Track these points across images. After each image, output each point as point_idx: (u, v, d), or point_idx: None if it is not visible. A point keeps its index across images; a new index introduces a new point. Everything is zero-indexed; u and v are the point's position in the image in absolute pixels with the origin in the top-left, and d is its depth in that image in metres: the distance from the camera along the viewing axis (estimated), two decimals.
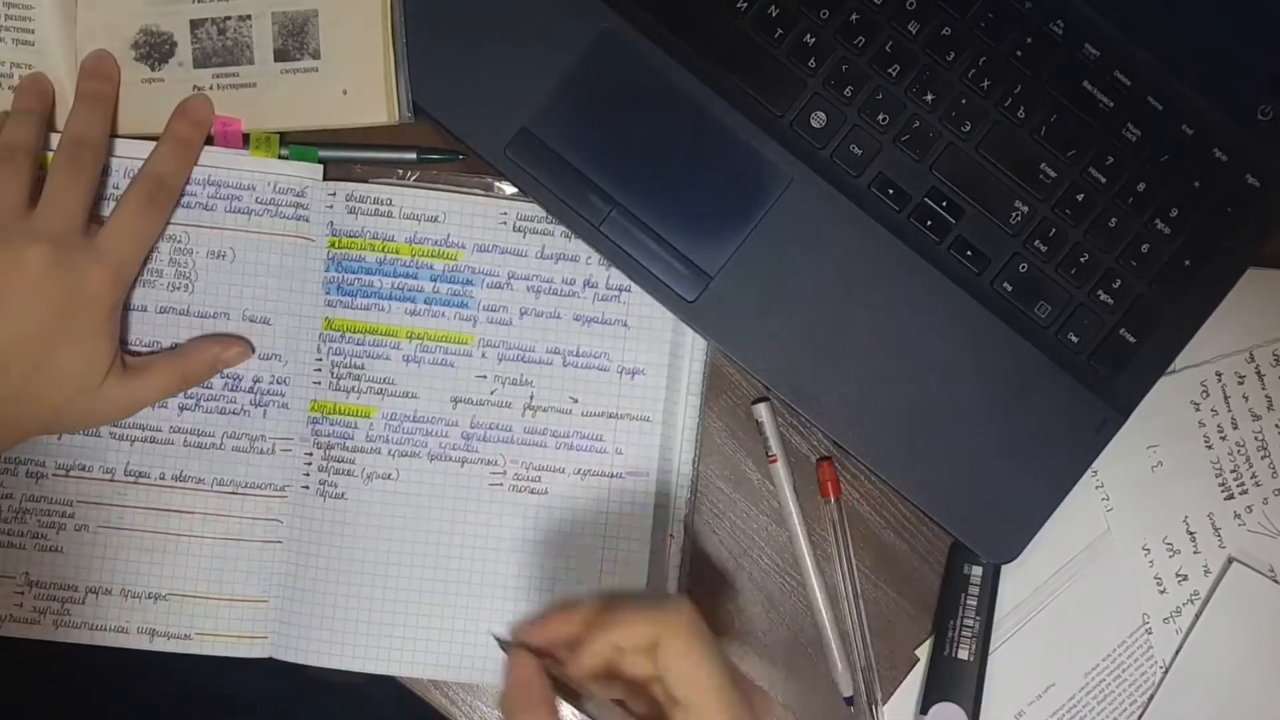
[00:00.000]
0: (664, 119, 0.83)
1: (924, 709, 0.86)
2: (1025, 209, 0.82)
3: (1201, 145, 0.83)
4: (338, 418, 0.85)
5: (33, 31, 0.84)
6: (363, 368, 0.85)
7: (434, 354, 0.86)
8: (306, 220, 0.86)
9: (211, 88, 0.84)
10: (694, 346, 0.86)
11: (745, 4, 0.83)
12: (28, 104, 0.83)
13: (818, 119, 0.83)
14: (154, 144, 0.84)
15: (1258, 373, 0.86)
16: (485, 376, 0.86)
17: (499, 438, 0.86)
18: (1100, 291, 0.83)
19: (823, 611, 0.87)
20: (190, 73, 0.84)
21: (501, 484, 0.86)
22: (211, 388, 0.86)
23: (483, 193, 0.86)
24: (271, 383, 0.86)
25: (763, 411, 0.87)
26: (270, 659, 0.85)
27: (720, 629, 0.88)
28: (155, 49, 0.84)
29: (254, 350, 0.85)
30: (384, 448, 0.85)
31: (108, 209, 0.84)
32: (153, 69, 0.84)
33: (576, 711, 0.84)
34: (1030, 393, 0.82)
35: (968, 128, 0.83)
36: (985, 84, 0.83)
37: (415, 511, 0.86)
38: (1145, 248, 0.83)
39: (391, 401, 0.86)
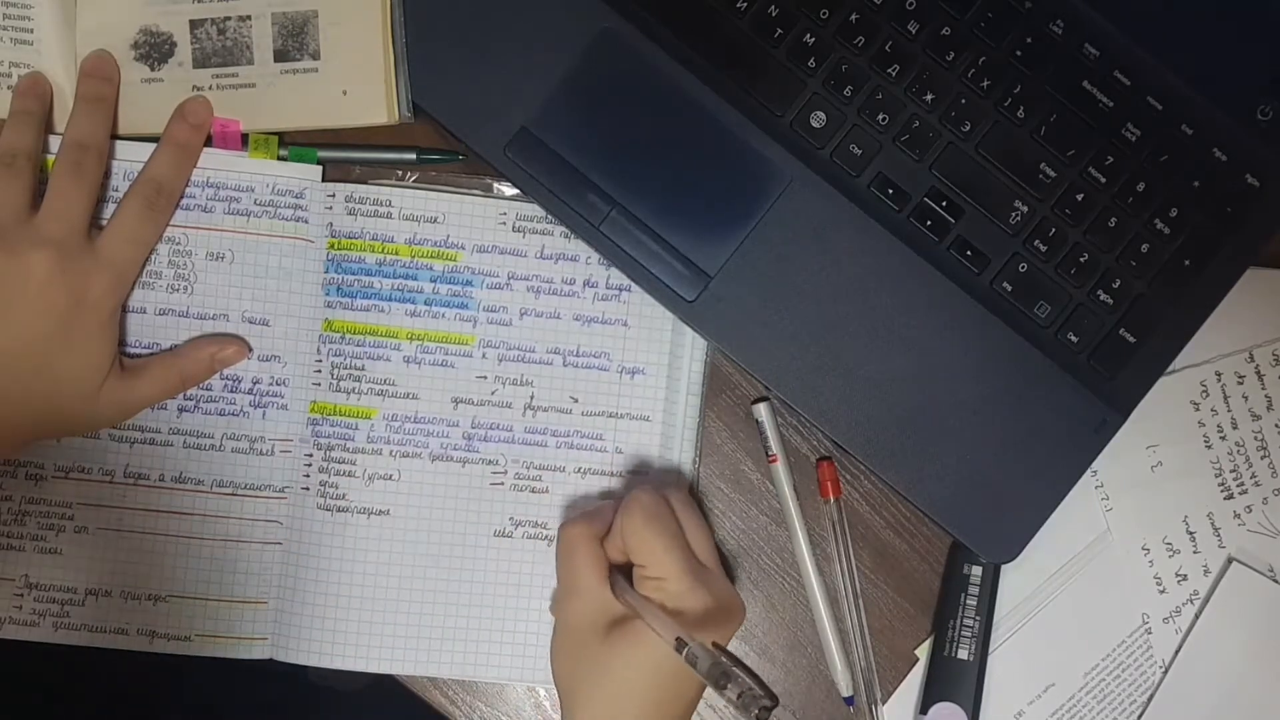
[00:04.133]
0: (664, 119, 0.83)
1: (924, 709, 0.86)
2: (1025, 209, 0.82)
3: (1201, 145, 0.83)
4: (338, 419, 0.85)
5: (32, 31, 0.84)
6: (363, 369, 0.85)
7: (434, 355, 0.86)
8: (305, 222, 0.86)
9: (211, 88, 0.84)
10: (694, 346, 0.86)
11: (745, 4, 0.83)
12: (26, 105, 0.83)
13: (817, 119, 0.83)
14: (154, 146, 0.84)
15: (1257, 373, 0.86)
16: (486, 377, 0.86)
17: (500, 438, 0.86)
18: (1100, 291, 0.83)
19: (822, 611, 0.87)
20: (190, 73, 0.84)
21: (503, 483, 0.86)
22: (210, 389, 0.86)
23: (482, 193, 0.86)
24: (271, 384, 0.86)
25: (763, 411, 0.87)
26: (270, 661, 0.85)
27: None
28: (155, 49, 0.84)
29: (251, 350, 0.85)
30: (385, 448, 0.85)
31: (107, 212, 0.83)
32: (152, 69, 0.84)
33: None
34: (1030, 392, 0.82)
35: (967, 128, 0.83)
36: (985, 84, 0.83)
37: (417, 511, 0.86)
38: (1145, 248, 0.83)
39: (392, 402, 0.86)
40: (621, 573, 0.79)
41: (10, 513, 0.85)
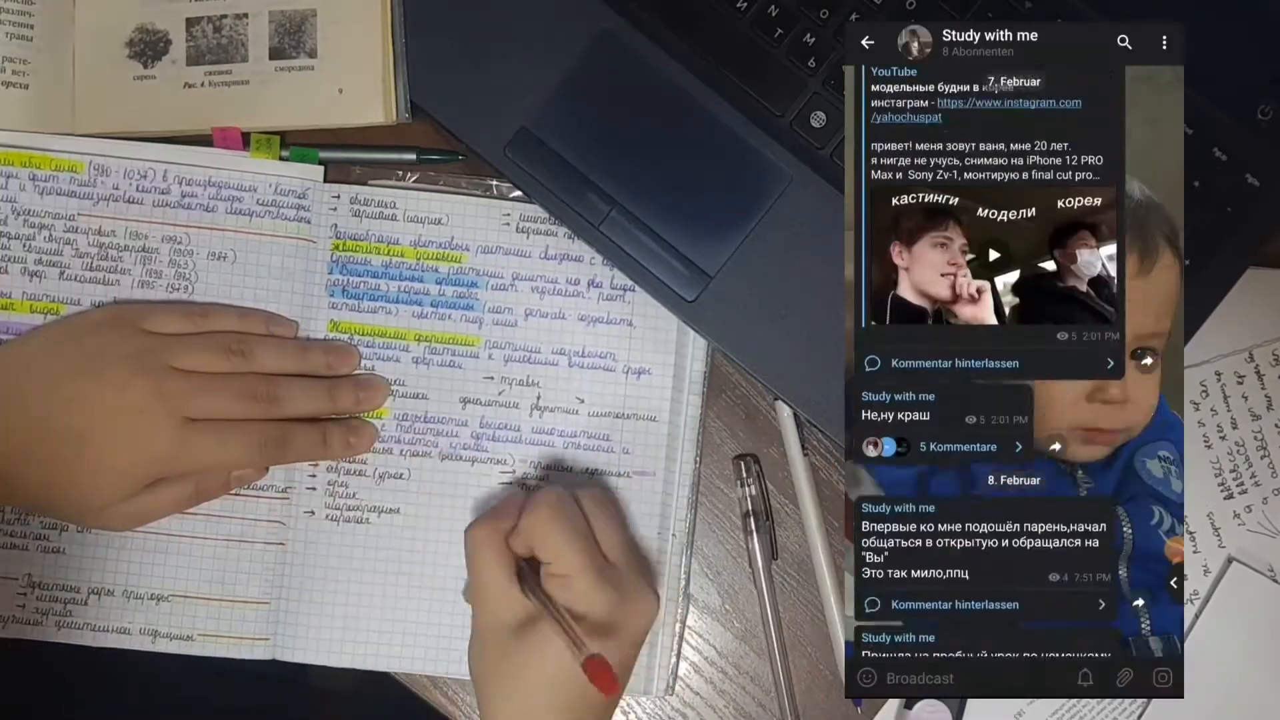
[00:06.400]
0: (664, 119, 0.83)
1: (908, 704, 0.86)
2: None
3: (1201, 145, 0.83)
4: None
5: (32, 28, 0.84)
6: (372, 369, 0.85)
7: (442, 356, 0.86)
8: (308, 222, 0.86)
9: (204, 85, 0.84)
10: (696, 345, 0.86)
11: (745, 4, 0.83)
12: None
13: (818, 119, 0.83)
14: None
15: (1257, 373, 0.87)
16: (493, 378, 0.86)
17: (508, 437, 0.86)
18: None
19: (829, 597, 0.87)
20: (183, 70, 0.84)
21: (511, 483, 0.86)
22: None
23: (485, 195, 0.86)
24: None
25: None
26: (272, 661, 0.85)
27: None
28: (150, 47, 0.84)
29: (267, 471, 0.86)
30: (395, 448, 0.86)
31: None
32: (145, 66, 0.84)
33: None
34: None
35: None
36: None
37: (426, 510, 0.86)
38: None
39: (403, 402, 0.86)
40: (531, 566, 0.79)
41: (13, 511, 0.85)
